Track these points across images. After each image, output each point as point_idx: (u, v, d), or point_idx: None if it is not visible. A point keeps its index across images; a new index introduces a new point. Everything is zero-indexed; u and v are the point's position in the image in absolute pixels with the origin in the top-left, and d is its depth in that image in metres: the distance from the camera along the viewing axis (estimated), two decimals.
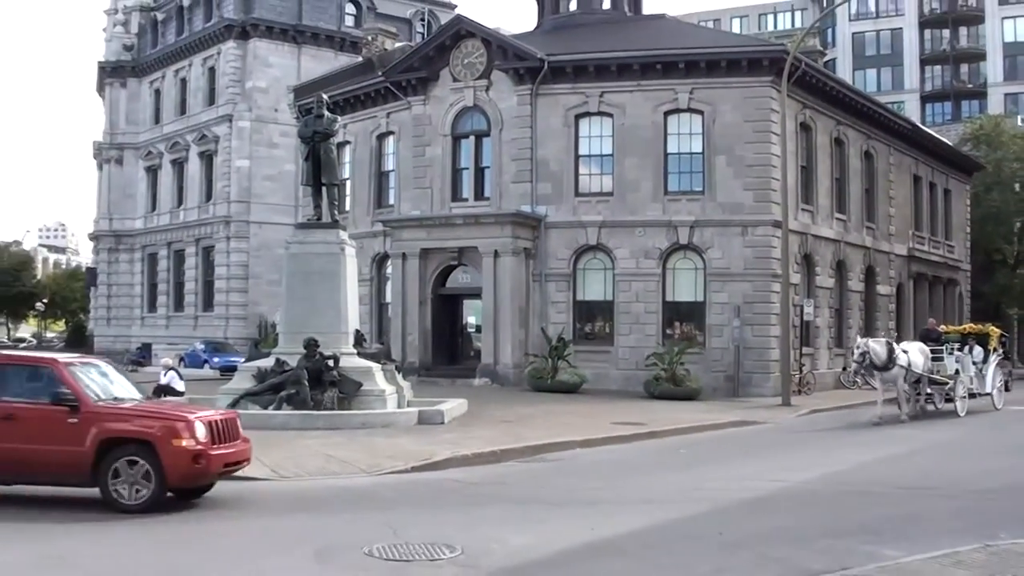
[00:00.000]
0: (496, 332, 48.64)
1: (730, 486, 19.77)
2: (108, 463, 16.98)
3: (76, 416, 17.11)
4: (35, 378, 18.04)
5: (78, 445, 16.95)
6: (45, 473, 17.40)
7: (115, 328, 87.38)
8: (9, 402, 17.39)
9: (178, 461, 16.96)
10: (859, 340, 34.60)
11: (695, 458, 24.97)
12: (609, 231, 48.55)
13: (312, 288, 32.52)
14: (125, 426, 17.30)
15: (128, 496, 16.95)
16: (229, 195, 76.45)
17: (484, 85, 51.40)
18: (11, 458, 17.02)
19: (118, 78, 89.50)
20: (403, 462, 22.11)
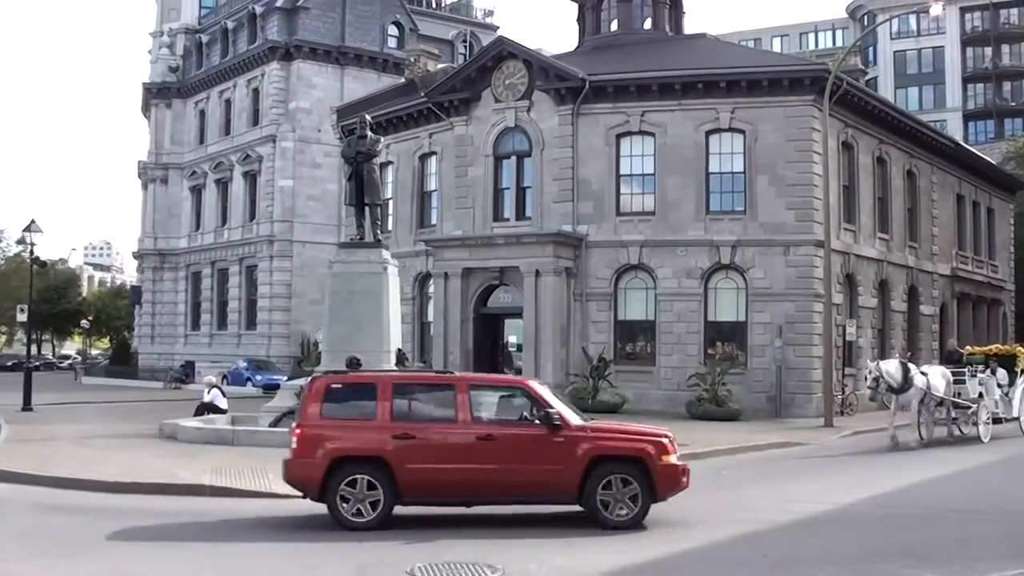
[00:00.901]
0: (537, 351, 48.56)
1: (773, 508, 19.61)
2: (596, 480, 17.39)
3: (561, 435, 17.50)
4: (510, 398, 18.45)
5: (566, 463, 17.36)
6: (527, 491, 17.71)
7: (159, 346, 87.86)
8: (489, 422, 17.79)
9: (667, 477, 17.61)
10: (870, 364, 33.62)
11: (738, 479, 24.82)
12: (651, 250, 48.43)
13: (355, 307, 32.56)
14: (616, 444, 17.86)
15: (616, 512, 17.42)
16: (272, 214, 76.79)
17: (526, 105, 51.44)
18: (491, 478, 17.34)
19: (163, 99, 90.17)
20: None
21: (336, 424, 17.66)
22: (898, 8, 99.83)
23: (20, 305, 57.45)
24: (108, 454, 26.27)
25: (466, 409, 17.64)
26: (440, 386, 18.64)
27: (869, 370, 32.93)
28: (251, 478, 21.78)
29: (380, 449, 17.30)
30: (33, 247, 49.40)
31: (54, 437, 31.24)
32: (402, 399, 17.87)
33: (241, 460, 24.34)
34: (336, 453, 17.34)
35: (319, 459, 17.30)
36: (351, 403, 17.97)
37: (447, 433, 17.57)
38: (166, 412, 38.25)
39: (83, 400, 53.71)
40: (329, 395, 17.95)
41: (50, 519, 18.20)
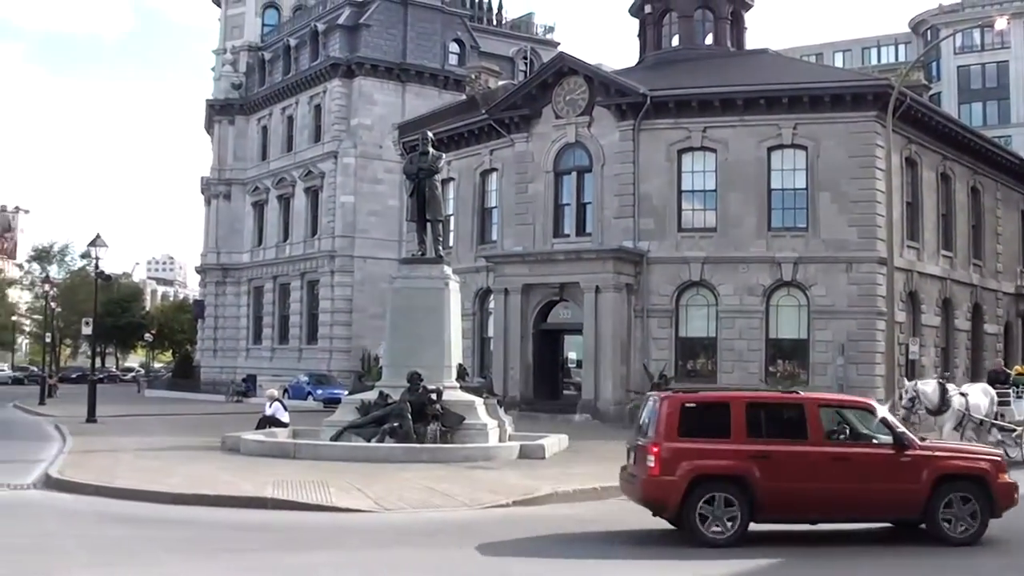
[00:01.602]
0: (597, 368, 48.54)
1: None
2: (939, 499, 17.81)
3: (907, 455, 17.96)
4: (855, 419, 18.76)
5: (913, 483, 17.78)
6: (876, 510, 18.22)
7: (221, 359, 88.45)
8: (839, 442, 18.13)
9: (1004, 495, 18.13)
10: (907, 384, 32.56)
11: None
12: (712, 267, 48.31)
13: (416, 322, 32.70)
14: (958, 463, 18.30)
15: (958, 529, 17.84)
16: (334, 230, 77.19)
17: (586, 121, 51.51)
18: (845, 496, 17.70)
19: (226, 116, 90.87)
20: (505, 496, 22.09)
21: (693, 443, 17.82)
22: (962, 22, 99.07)
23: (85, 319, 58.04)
24: (171, 466, 26.48)
25: (817, 428, 17.98)
26: (790, 405, 18.88)
27: (905, 390, 31.87)
28: (313, 491, 21.91)
29: (739, 468, 17.53)
30: (98, 261, 49.97)
31: (118, 449, 31.53)
32: (754, 418, 18.10)
33: (303, 473, 24.47)
34: (696, 472, 17.53)
35: (679, 478, 17.49)
36: (705, 422, 18.18)
37: (801, 452, 17.80)
38: (228, 425, 38.51)
39: (146, 412, 54.13)
40: (684, 414, 18.14)
41: (115, 529, 18.39)
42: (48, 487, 23.44)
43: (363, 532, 18.35)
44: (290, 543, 17.19)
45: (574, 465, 28.37)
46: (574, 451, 32.40)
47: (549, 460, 29.59)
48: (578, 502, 22.55)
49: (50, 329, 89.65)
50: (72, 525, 18.64)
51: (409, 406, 30.65)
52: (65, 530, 18.07)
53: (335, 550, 16.87)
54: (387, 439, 30.12)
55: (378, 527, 18.70)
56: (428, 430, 30.37)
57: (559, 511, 21.18)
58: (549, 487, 23.31)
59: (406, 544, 17.27)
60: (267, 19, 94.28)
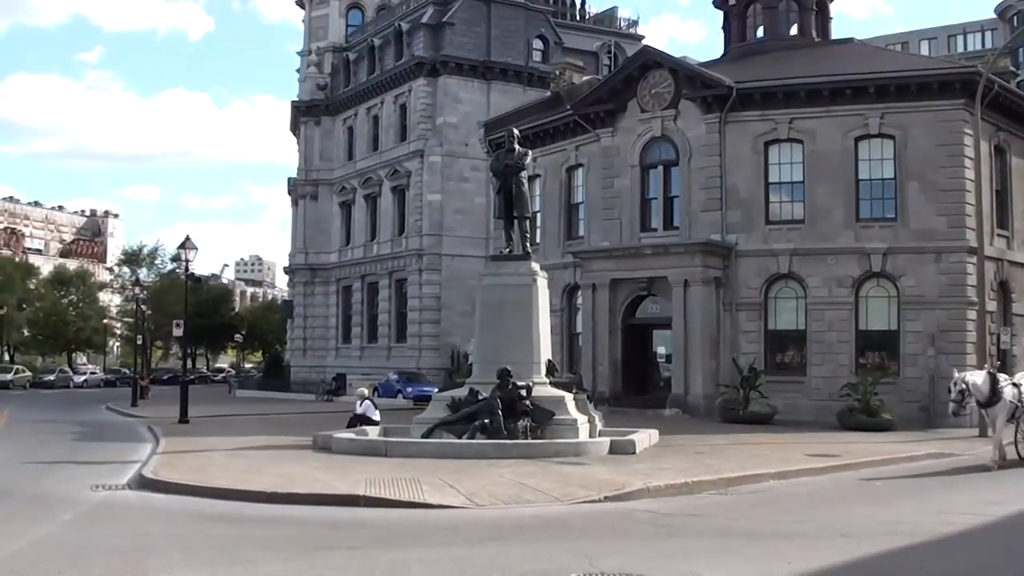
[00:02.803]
0: (686, 362, 48.41)
1: (929, 520, 19.28)
2: None
3: None
4: None
5: None
6: None
7: (310, 359, 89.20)
8: None
9: None
10: (955, 375, 29.78)
11: (891, 491, 24.43)
12: (800, 259, 48.00)
13: (505, 319, 32.77)
14: None
15: None
16: (421, 228, 77.55)
17: (672, 115, 51.38)
18: None
19: (312, 117, 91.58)
20: (596, 492, 22.05)
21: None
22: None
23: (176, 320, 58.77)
24: (264, 465, 26.70)
25: None
26: None
27: (954, 382, 29.27)
28: (405, 489, 22.01)
29: None
30: (188, 263, 50.56)
31: (210, 449, 31.85)
32: None
33: (394, 471, 24.58)
34: None
35: None
36: None
37: None
38: (319, 424, 38.75)
39: (237, 412, 54.64)
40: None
41: (211, 528, 18.60)
42: (143, 487, 23.71)
43: (455, 528, 18.42)
44: (383, 540, 17.29)
45: (665, 460, 28.29)
46: (664, 446, 32.31)
47: (639, 455, 29.49)
48: (669, 497, 22.49)
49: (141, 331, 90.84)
50: (167, 524, 18.87)
51: (499, 402, 30.72)
52: (161, 530, 18.30)
53: (428, 547, 16.94)
54: (478, 435, 30.20)
55: (470, 523, 18.75)
56: (518, 426, 30.41)
57: (650, 506, 21.14)
58: (640, 482, 23.23)
59: (498, 539, 17.29)
60: (351, 19, 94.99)
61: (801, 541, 17.24)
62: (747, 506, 21.75)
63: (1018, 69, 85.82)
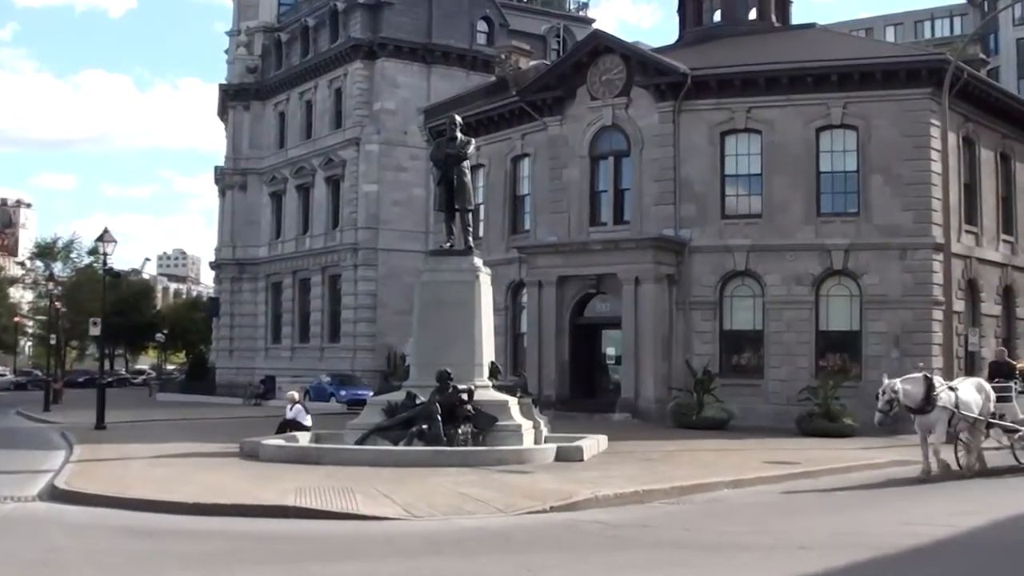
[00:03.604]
0: (637, 364, 48.48)
1: (892, 531, 19.35)
2: None
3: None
4: None
5: None
6: None
7: (237, 360, 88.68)
8: None
9: None
10: (885, 381, 28.41)
11: (853, 500, 24.54)
12: (758, 255, 48.20)
13: (445, 318, 32.69)
14: None
15: None
16: (356, 221, 77.28)
17: (623, 103, 51.42)
18: None
19: (241, 101, 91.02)
20: (541, 502, 22.03)
21: None
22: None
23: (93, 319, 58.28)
24: (186, 474, 26.51)
25: None
26: None
27: (882, 389, 28.02)
28: (338, 499, 21.90)
29: None
30: (106, 257, 50.02)
31: (129, 456, 31.58)
32: None
33: (326, 480, 24.46)
34: None
35: None
36: None
37: None
38: (246, 430, 38.58)
39: (159, 417, 54.25)
40: None
41: (128, 543, 18.38)
42: (54, 499, 23.43)
43: (391, 541, 18.31)
44: (313, 554, 17.17)
45: (614, 467, 28.32)
46: (614, 453, 32.37)
47: (588, 463, 29.52)
48: (618, 506, 22.48)
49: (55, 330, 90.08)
50: (80, 539, 18.63)
51: (438, 407, 30.63)
52: (73, 544, 18.06)
53: (361, 561, 16.84)
54: (415, 442, 30.10)
55: (407, 535, 18.66)
56: (459, 432, 30.34)
57: (599, 516, 21.12)
58: (588, 491, 23.22)
59: (436, 553, 17.22)
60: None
61: (757, 553, 17.25)
62: (701, 516, 21.79)
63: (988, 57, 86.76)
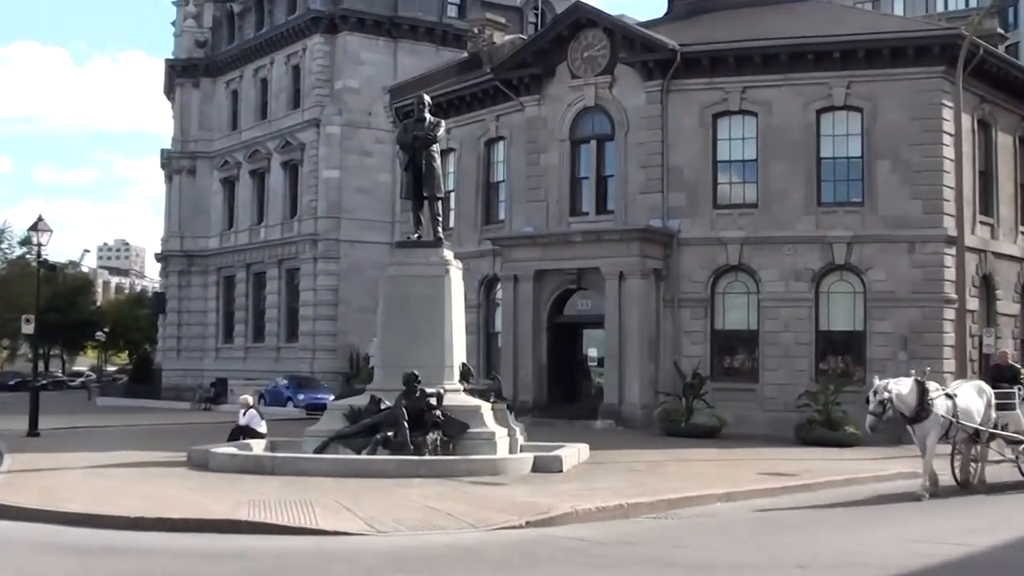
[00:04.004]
0: (621, 367, 48.53)
1: (900, 550, 19.38)
2: None
3: None
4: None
5: None
6: None
7: (185, 361, 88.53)
8: None
9: None
10: (876, 382, 27.81)
11: (856, 516, 24.57)
12: (753, 248, 48.25)
13: (412, 315, 32.66)
14: None
15: None
16: (316, 210, 77.17)
17: (607, 82, 51.46)
18: None
19: (189, 78, 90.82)
20: (516, 516, 22.01)
21: None
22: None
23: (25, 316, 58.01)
24: (128, 485, 26.42)
25: None
26: None
27: (874, 390, 27.40)
28: (295, 512, 21.85)
29: None
30: (40, 248, 49.64)
31: (65, 467, 31.45)
32: None
33: (283, 491, 24.42)
34: None
35: None
36: None
37: None
38: (195, 437, 38.50)
39: (98, 424, 53.98)
40: None
41: (60, 560, 18.26)
42: None
43: (352, 559, 18.27)
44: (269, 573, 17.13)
45: (596, 479, 28.34)
46: (596, 463, 32.39)
47: (567, 473, 29.54)
48: (601, 522, 22.49)
49: None
50: (7, 556, 18.52)
51: (405, 412, 30.60)
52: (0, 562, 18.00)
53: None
54: (380, 450, 30.08)
55: (370, 552, 18.62)
56: (427, 440, 30.32)
57: (579, 532, 21.12)
58: (568, 505, 23.23)
59: (402, 572, 17.20)
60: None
61: (751, 572, 17.28)
62: (690, 532, 21.80)
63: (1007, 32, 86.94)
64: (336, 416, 32.65)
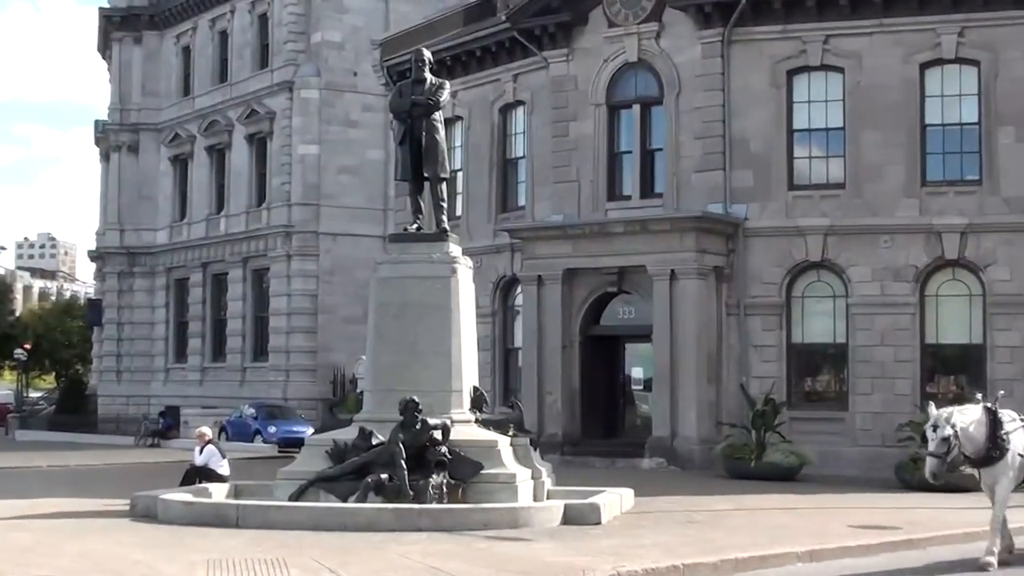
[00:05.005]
0: (674, 391, 48.42)
1: None
2: None
3: None
4: None
5: None
6: None
7: (128, 385, 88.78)
8: None
9: None
10: (933, 412, 24.78)
11: None
12: (839, 240, 48.08)
13: (411, 327, 32.58)
14: None
15: None
16: (290, 195, 77.30)
17: (653, 31, 51.33)
18: None
19: (130, 32, 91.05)
20: None
21: None
22: None
23: None
24: (57, 541, 26.38)
25: None
26: None
27: (933, 422, 24.36)
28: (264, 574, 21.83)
29: None
30: None
31: None
32: None
33: (250, 549, 24.37)
34: None
35: None
36: None
37: None
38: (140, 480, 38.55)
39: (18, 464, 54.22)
40: None
41: None
42: None
43: None
44: None
45: (644, 533, 28.27)
46: (643, 512, 32.33)
47: (607, 526, 29.47)
48: None
49: None
50: None
51: (402, 449, 30.55)
52: None
53: None
54: (371, 497, 30.03)
55: None
56: (430, 484, 30.26)
57: None
58: (608, 566, 23.17)
59: None
60: None
61: None
62: None
63: None
64: (316, 454, 32.59)
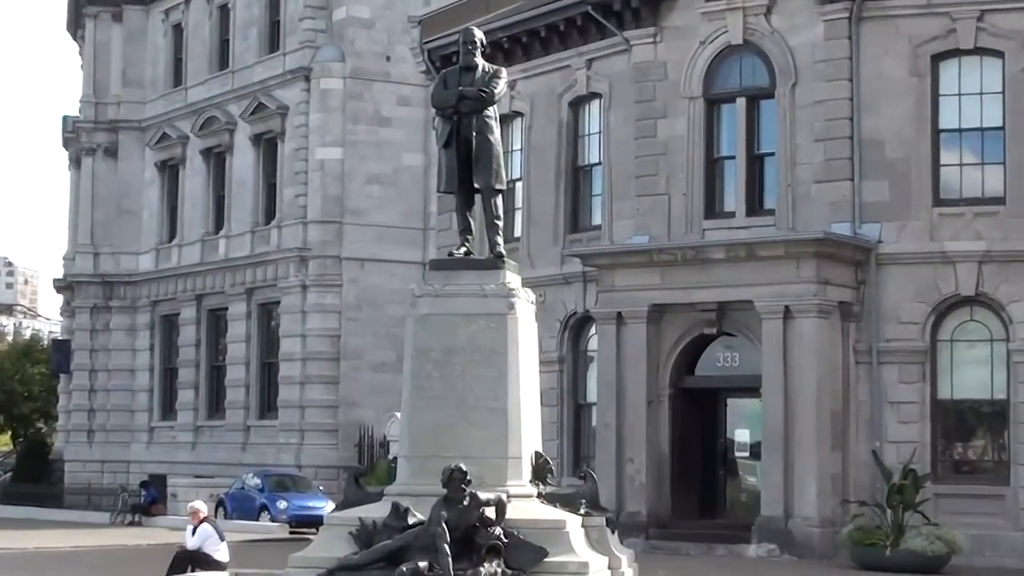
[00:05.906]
0: (788, 458, 48.22)
1: None
2: None
3: None
4: None
5: None
6: None
7: (102, 447, 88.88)
8: None
9: None
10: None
11: None
12: (999, 269, 47.89)
13: (457, 377, 32.38)
14: None
15: None
16: (306, 211, 77.23)
17: (763, 5, 51.26)
18: None
19: (106, 6, 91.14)
20: None
21: None
22: None
23: None
24: None
25: None
26: None
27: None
28: None
29: None
30: None
31: None
32: None
33: None
34: None
35: None
36: None
37: None
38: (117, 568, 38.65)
39: None
40: None
41: None
42: None
43: None
44: None
45: None
46: None
47: None
48: None
49: None
50: None
51: (446, 531, 30.44)
52: None
53: None
54: None
55: None
56: (482, 573, 30.17)
57: None
58: None
59: None
60: None
61: None
62: None
63: None
64: (338, 536, 32.45)
